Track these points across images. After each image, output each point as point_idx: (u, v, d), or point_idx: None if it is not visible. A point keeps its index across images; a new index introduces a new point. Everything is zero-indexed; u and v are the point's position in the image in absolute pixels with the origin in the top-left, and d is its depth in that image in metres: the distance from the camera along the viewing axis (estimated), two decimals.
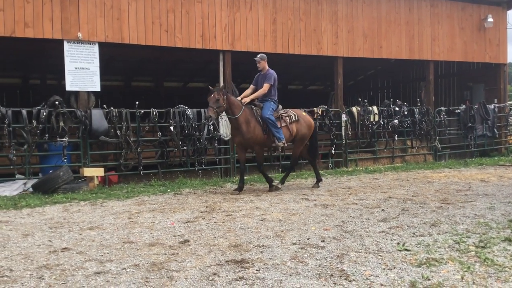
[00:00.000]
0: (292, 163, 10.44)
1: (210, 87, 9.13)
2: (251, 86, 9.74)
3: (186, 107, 11.55)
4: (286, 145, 9.60)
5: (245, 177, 9.85)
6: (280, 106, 9.79)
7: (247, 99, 9.43)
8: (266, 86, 9.45)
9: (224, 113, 9.44)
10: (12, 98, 16.85)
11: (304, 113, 10.21)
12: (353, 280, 4.20)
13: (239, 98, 9.55)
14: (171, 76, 19.58)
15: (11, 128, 9.69)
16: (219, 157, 12.10)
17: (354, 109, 14.11)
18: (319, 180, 10.27)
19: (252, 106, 9.51)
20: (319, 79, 22.75)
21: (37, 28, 10.08)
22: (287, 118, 9.68)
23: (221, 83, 12.33)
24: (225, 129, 11.86)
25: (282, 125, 9.54)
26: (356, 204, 7.92)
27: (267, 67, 9.71)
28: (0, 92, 16.90)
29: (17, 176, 10.10)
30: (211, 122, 11.00)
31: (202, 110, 11.57)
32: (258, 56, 9.71)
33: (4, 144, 9.71)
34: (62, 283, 4.19)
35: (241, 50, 12.48)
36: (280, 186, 9.84)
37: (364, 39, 14.29)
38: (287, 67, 18.32)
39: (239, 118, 9.13)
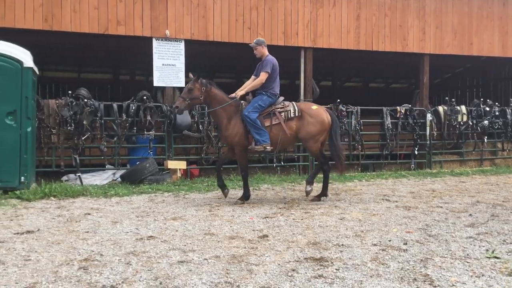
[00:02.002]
0: (319, 164, 8.44)
1: (191, 75, 8.00)
2: (252, 77, 8.35)
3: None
4: (268, 149, 7.86)
5: (322, 175, 9.42)
6: (281, 99, 8.18)
7: (241, 92, 8.08)
8: (262, 75, 7.96)
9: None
10: (104, 93, 17.84)
11: (315, 107, 8.33)
12: (438, 285, 4.02)
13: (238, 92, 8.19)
14: (252, 73, 19.81)
15: (103, 121, 10.30)
16: (297, 154, 12.08)
17: (440, 108, 13.52)
18: (323, 194, 8.31)
19: (242, 102, 8.16)
20: (403, 76, 22.00)
21: (128, 26, 10.61)
22: (283, 113, 7.98)
23: (302, 80, 12.29)
24: None
25: (274, 122, 7.90)
26: (441, 207, 7.58)
27: (267, 53, 8.20)
28: (92, 87, 17.98)
29: (107, 166, 10.71)
30: (181, 114, 9.17)
31: None
32: (254, 41, 8.29)
33: (96, 136, 10.32)
34: (148, 270, 4.39)
35: (323, 47, 12.36)
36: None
37: (454, 35, 13.63)
38: (369, 64, 17.90)
39: (218, 112, 7.98)
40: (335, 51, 13.15)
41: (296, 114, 8.01)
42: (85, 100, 10.21)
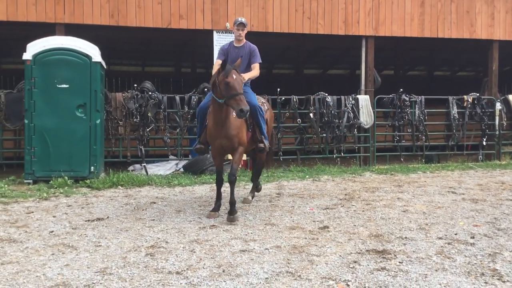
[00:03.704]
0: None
1: (224, 65, 5.91)
2: (218, 61, 6.59)
3: (326, 94, 11.52)
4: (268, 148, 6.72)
5: (384, 167, 9.20)
6: None
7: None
8: (258, 67, 6.76)
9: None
10: (166, 85, 18.32)
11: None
12: (508, 281, 3.87)
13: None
14: (311, 63, 19.64)
15: (166, 113, 10.60)
16: (358, 145, 11.89)
17: (510, 97, 12.91)
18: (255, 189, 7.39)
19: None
20: (469, 64, 21.07)
21: (190, 19, 10.82)
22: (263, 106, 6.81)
23: (363, 70, 12.04)
24: (365, 116, 11.60)
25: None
26: (511, 200, 7.24)
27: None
28: (155, 80, 18.51)
29: (170, 157, 11.03)
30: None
31: (343, 97, 11.49)
32: (243, 20, 6.72)
33: (160, 127, 10.64)
34: (211, 258, 4.50)
35: (385, 35, 12.04)
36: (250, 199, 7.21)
37: None
38: (434, 52, 17.27)
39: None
40: (398, 39, 12.79)
41: (267, 107, 7.23)
42: (150, 93, 10.54)
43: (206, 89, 10.89)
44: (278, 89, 11.23)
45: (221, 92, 5.80)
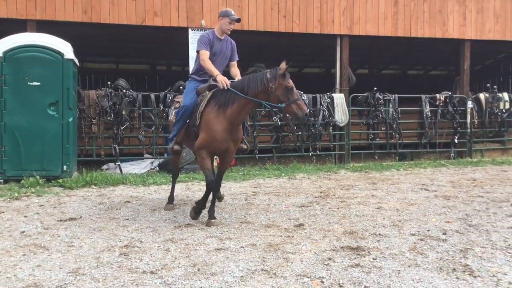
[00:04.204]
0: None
1: (282, 67, 5.60)
2: (207, 53, 6.06)
3: (302, 93, 11.54)
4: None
5: (358, 164, 9.43)
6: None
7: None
8: (236, 65, 6.47)
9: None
10: (141, 83, 18.13)
11: None
12: (478, 276, 3.95)
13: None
14: (287, 62, 19.71)
15: (141, 111, 10.49)
16: (333, 143, 11.98)
17: (481, 95, 13.14)
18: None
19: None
20: (442, 63, 21.44)
21: (165, 16, 10.72)
22: None
23: (338, 69, 12.14)
24: (340, 115, 11.69)
25: None
26: (482, 197, 7.40)
27: None
28: (130, 77, 18.32)
29: (145, 155, 10.92)
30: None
31: (318, 95, 11.57)
32: (234, 13, 6.44)
33: (134, 125, 10.52)
34: (186, 256, 4.47)
35: (360, 34, 12.16)
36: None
37: (496, 20, 13.15)
38: (408, 51, 17.49)
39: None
40: (372, 39, 12.91)
41: None
42: (124, 90, 10.40)
43: (181, 87, 10.81)
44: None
45: (279, 97, 5.46)
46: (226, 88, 5.66)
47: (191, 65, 10.97)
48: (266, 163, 11.13)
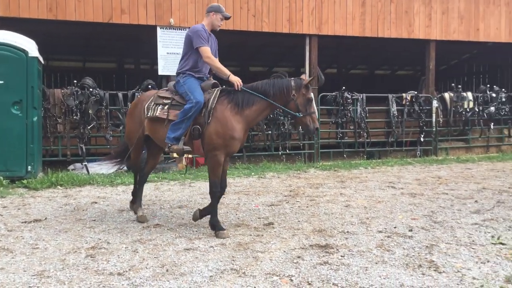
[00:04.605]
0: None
1: (303, 77, 5.71)
2: (209, 49, 5.76)
3: None
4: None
5: (328, 163, 9.54)
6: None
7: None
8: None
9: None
10: (108, 82, 17.85)
11: None
12: (443, 271, 4.04)
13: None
14: (257, 61, 19.72)
15: (108, 110, 10.31)
16: (303, 142, 12.07)
17: (446, 95, 13.44)
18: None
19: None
20: (408, 63, 21.87)
21: (132, 14, 10.57)
22: None
23: (307, 68, 12.23)
24: None
25: None
26: (447, 194, 7.58)
27: None
28: (97, 76, 18.01)
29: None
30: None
31: None
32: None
33: (102, 125, 10.34)
34: (155, 257, 4.42)
35: (328, 34, 12.28)
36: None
37: (460, 21, 13.50)
38: (375, 51, 17.77)
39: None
40: (340, 38, 13.06)
41: None
42: (91, 89, 10.20)
43: (150, 86, 10.69)
44: (224, 87, 11.17)
45: (298, 106, 5.39)
46: (240, 89, 5.51)
47: (160, 64, 10.90)
48: (236, 162, 11.12)
